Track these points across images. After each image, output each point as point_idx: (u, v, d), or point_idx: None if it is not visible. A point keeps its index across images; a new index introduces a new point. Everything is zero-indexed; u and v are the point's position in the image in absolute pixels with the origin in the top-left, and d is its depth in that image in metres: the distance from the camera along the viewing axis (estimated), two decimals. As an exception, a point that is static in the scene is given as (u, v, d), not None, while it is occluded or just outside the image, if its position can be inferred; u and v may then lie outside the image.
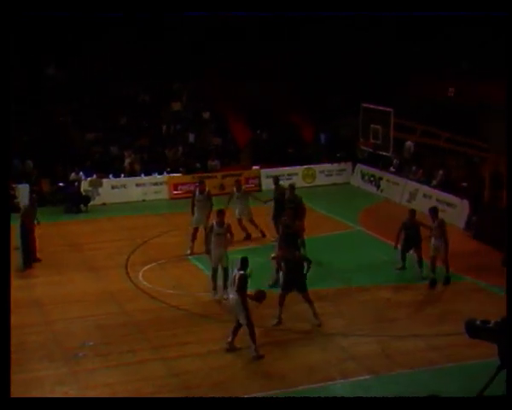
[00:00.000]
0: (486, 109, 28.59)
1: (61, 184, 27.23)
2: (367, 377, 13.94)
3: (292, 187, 21.36)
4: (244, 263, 14.83)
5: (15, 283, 16.64)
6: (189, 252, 20.89)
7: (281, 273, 16.99)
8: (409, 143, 29.84)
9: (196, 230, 21.07)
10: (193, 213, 21.08)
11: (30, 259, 20.42)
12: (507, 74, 12.87)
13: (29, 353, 14.75)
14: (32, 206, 21.75)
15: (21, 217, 20.68)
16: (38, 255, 20.76)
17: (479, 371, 12.97)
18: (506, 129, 13.20)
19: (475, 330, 11.17)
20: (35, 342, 15.35)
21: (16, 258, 19.49)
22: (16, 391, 11.21)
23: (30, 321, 16.32)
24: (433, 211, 19.48)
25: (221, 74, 34.15)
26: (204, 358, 14.62)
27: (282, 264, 16.66)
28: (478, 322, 11.16)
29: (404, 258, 19.61)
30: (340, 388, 13.55)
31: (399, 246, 19.57)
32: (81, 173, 27.34)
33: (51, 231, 23.05)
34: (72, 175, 27.17)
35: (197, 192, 21.35)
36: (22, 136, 27.98)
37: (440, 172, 27.04)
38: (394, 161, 29.42)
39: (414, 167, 28.42)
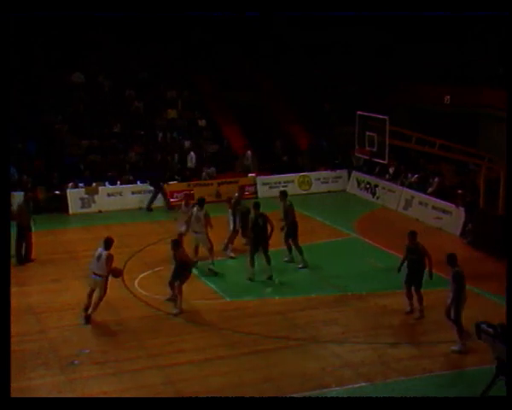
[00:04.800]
0: (482, 116, 28.72)
1: (56, 192, 27.22)
2: (362, 384, 13.93)
3: (256, 205, 20.34)
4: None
5: (11, 290, 16.57)
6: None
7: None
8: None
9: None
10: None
11: (22, 257, 20.94)
12: (507, 78, 12.84)
13: (25, 361, 14.69)
14: (27, 203, 21.70)
15: (16, 217, 20.85)
16: (32, 257, 21.23)
17: (474, 378, 13.02)
18: (506, 136, 13.23)
19: (479, 332, 11.45)
20: (31, 350, 15.30)
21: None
22: (12, 399, 11.16)
23: (26, 329, 16.26)
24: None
25: (216, 82, 34.27)
26: (200, 365, 14.60)
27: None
28: (483, 325, 11.39)
29: (409, 297, 17.11)
30: (335, 395, 13.51)
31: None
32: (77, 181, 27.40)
33: (47, 238, 23.05)
34: (71, 184, 27.20)
35: (183, 206, 21.45)
36: (17, 143, 27.96)
37: (436, 179, 27.11)
38: (389, 168, 29.45)
39: (409, 174, 28.46)
